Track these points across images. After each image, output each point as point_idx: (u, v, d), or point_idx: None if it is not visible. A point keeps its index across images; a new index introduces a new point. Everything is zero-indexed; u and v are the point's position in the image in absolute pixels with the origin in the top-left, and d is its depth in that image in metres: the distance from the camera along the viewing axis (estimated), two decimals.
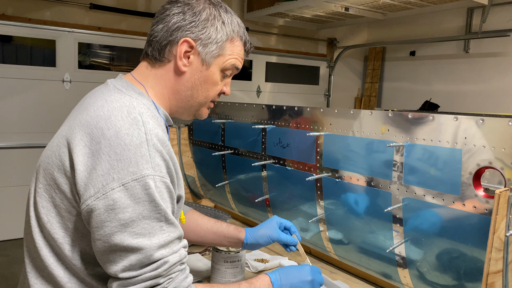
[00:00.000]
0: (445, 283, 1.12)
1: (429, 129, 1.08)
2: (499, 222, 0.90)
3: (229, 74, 1.06)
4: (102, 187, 0.82)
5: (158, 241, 0.84)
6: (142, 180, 0.83)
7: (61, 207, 0.89)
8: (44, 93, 3.59)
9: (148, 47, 1.02)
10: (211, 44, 0.99)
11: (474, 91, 4.45)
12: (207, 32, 0.98)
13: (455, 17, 4.52)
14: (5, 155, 3.51)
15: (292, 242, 1.24)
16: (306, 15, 4.49)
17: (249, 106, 1.71)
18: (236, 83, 4.79)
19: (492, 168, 0.97)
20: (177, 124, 2.16)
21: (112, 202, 0.82)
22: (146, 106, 0.94)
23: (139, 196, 0.82)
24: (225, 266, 1.32)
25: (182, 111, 1.06)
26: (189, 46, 0.98)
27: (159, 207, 0.84)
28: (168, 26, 0.98)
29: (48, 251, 0.91)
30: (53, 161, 0.90)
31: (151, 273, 0.84)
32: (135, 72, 1.03)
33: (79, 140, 0.87)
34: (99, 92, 0.97)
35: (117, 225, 0.82)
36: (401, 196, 1.16)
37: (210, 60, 1.00)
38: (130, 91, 0.96)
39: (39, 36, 3.56)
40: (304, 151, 1.45)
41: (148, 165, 0.84)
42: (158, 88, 1.01)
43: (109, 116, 0.88)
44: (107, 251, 0.84)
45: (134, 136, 0.85)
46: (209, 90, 1.04)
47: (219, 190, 1.95)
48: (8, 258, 3.27)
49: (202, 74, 1.01)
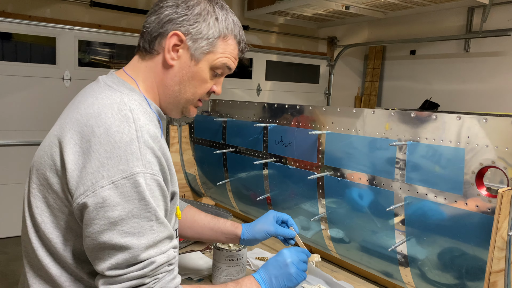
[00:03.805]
0: (447, 282, 1.12)
1: (432, 128, 1.08)
2: (501, 221, 0.91)
3: (220, 73, 1.03)
4: (91, 185, 0.81)
5: (147, 241, 0.83)
6: (132, 178, 0.82)
7: (54, 207, 0.89)
8: (44, 90, 3.59)
9: (140, 39, 1.01)
10: (201, 40, 0.96)
11: (474, 91, 4.46)
12: (198, 27, 0.96)
13: (456, 16, 4.52)
14: (5, 152, 3.51)
15: (290, 235, 1.24)
16: (307, 14, 4.49)
17: (251, 104, 1.71)
18: (236, 81, 4.79)
19: (495, 167, 0.97)
20: (178, 122, 2.16)
21: (101, 200, 0.81)
22: (138, 101, 0.93)
23: (129, 194, 0.81)
24: (226, 264, 1.32)
25: (171, 107, 1.03)
26: (178, 40, 0.96)
27: (149, 205, 0.83)
28: (160, 18, 0.96)
29: (44, 251, 0.91)
30: (45, 161, 0.90)
31: (136, 272, 0.83)
32: (127, 67, 1.02)
33: (69, 139, 0.86)
34: (90, 89, 0.96)
35: (106, 223, 0.81)
36: (403, 195, 1.16)
37: (200, 56, 0.97)
38: (121, 87, 0.95)
39: (39, 33, 3.56)
40: (306, 149, 1.45)
41: (138, 162, 0.83)
42: (149, 82, 0.99)
43: (99, 114, 0.87)
44: (95, 249, 0.83)
45: (125, 133, 0.84)
46: (197, 87, 1.01)
47: (220, 188, 1.95)
48: (8, 255, 3.27)
49: (190, 70, 0.98)
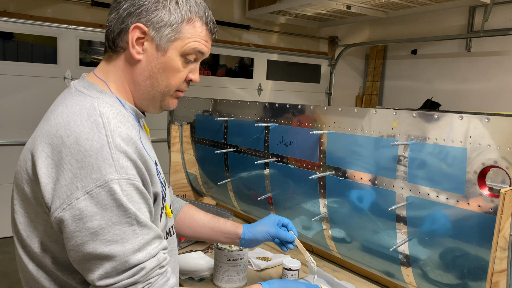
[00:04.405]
0: (449, 282, 1.12)
1: (434, 128, 1.08)
2: (504, 221, 0.90)
3: (192, 59, 0.97)
4: (67, 197, 0.80)
5: (132, 246, 0.82)
6: (107, 186, 0.79)
7: (36, 221, 0.88)
8: (45, 90, 3.59)
9: (105, 39, 0.97)
10: (164, 28, 0.92)
11: (475, 90, 4.45)
12: (158, 15, 0.91)
13: (457, 16, 4.51)
14: (6, 152, 3.52)
15: (290, 238, 1.23)
16: (308, 13, 4.48)
17: (252, 104, 1.71)
18: (237, 80, 4.79)
19: (497, 167, 0.97)
20: (179, 121, 2.16)
21: (78, 212, 0.79)
22: (110, 104, 0.90)
23: (105, 202, 0.79)
24: (227, 264, 1.32)
25: (147, 104, 0.99)
26: (141, 32, 0.91)
27: (128, 211, 0.81)
28: (119, 14, 0.92)
29: (33, 266, 0.90)
30: (22, 176, 0.88)
31: (128, 280, 0.82)
32: (97, 69, 0.98)
33: (41, 152, 0.84)
34: (62, 97, 0.94)
35: (87, 234, 0.80)
36: (405, 195, 1.16)
37: (166, 45, 0.93)
38: (91, 91, 0.92)
39: (40, 33, 3.56)
40: (308, 149, 1.45)
41: (111, 169, 0.80)
42: (119, 81, 0.96)
43: (68, 122, 0.84)
44: (82, 261, 0.82)
45: (95, 140, 0.82)
46: (169, 78, 0.96)
47: (221, 188, 1.95)
48: (10, 255, 3.27)
49: (159, 61, 0.94)
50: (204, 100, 2.00)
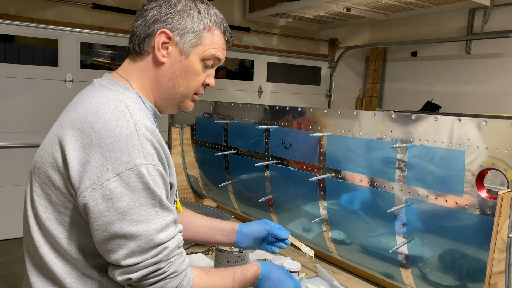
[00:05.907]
0: (448, 284, 1.12)
1: (433, 130, 1.09)
2: (502, 223, 0.91)
3: (210, 64, 1.06)
4: (97, 178, 0.85)
5: (156, 226, 0.87)
6: (136, 169, 0.85)
7: (57, 203, 0.92)
8: (46, 92, 3.60)
9: (130, 43, 1.05)
10: (188, 34, 1.00)
11: (475, 92, 4.46)
12: (183, 22, 1.00)
13: (457, 18, 4.52)
14: (7, 154, 3.52)
15: (284, 234, 1.28)
16: (308, 16, 4.49)
17: (252, 106, 1.72)
18: (238, 83, 4.80)
19: (495, 169, 0.98)
20: (179, 124, 2.17)
21: (108, 192, 0.84)
22: (133, 99, 0.96)
23: (134, 184, 0.85)
24: (228, 266, 1.33)
25: (166, 104, 1.07)
26: (166, 37, 0.99)
27: (154, 193, 0.87)
28: (146, 20, 1.00)
29: (47, 248, 0.94)
30: (46, 159, 0.93)
31: (152, 259, 0.87)
32: (119, 69, 1.06)
33: (70, 136, 0.89)
34: (86, 91, 1.00)
35: (115, 213, 0.85)
36: (404, 197, 1.17)
37: (189, 49, 1.01)
38: (115, 86, 0.98)
39: (41, 35, 3.57)
40: (307, 151, 1.46)
41: (140, 154, 0.87)
42: (142, 82, 1.03)
43: (96, 110, 0.90)
44: (106, 240, 0.86)
45: (124, 127, 0.88)
46: (190, 81, 1.04)
47: (222, 190, 1.96)
48: (10, 257, 3.27)
49: (182, 64, 1.02)
50: (205, 103, 2.01)
